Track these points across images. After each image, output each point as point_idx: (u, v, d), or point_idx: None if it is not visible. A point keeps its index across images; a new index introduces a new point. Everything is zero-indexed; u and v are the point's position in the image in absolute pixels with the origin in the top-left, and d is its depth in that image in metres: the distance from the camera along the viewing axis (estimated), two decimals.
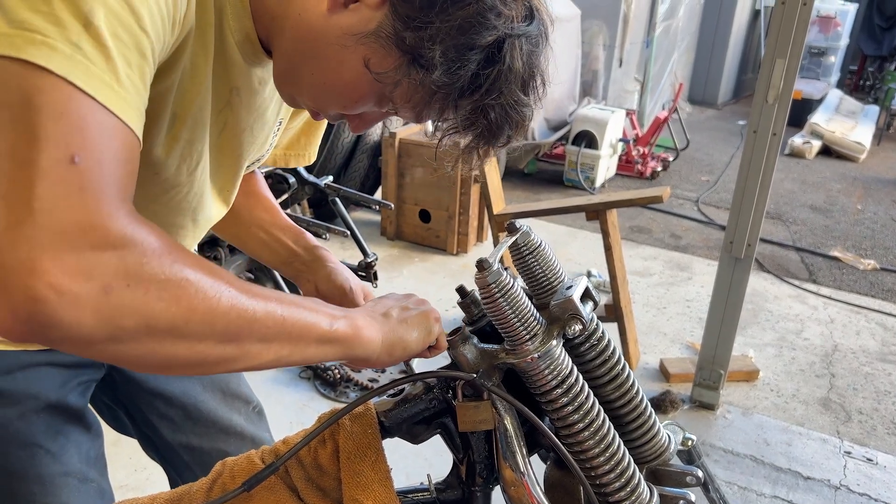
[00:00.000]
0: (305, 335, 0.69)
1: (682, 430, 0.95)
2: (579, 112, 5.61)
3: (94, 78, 0.56)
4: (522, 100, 0.77)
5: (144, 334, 0.57)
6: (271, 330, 0.65)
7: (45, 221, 0.52)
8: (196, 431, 1.17)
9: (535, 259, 0.87)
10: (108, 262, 0.53)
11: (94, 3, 0.57)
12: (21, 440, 0.96)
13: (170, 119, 0.79)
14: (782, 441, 2.66)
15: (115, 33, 0.58)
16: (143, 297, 0.55)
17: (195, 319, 0.59)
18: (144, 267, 0.55)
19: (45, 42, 0.54)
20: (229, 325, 0.62)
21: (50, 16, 0.55)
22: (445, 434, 0.88)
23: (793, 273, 4.24)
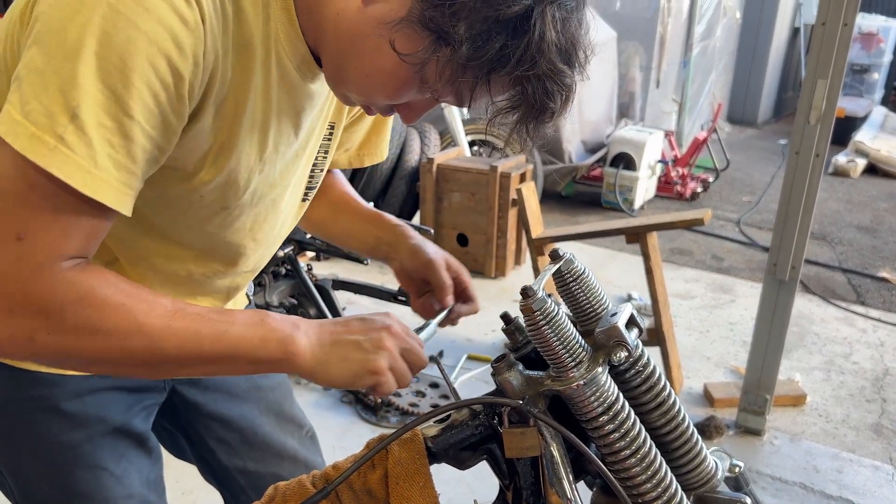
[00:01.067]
0: (228, 360, 0.79)
1: (729, 457, 0.95)
2: (616, 134, 5.60)
3: (71, 164, 0.67)
4: (561, 69, 0.74)
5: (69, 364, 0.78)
6: (188, 359, 0.77)
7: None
8: (252, 455, 1.20)
9: (578, 286, 0.88)
10: (33, 320, 0.70)
11: (81, 98, 0.67)
12: (88, 462, 1.00)
13: (214, 149, 0.83)
14: (832, 468, 2.60)
15: (100, 122, 0.68)
16: (61, 343, 0.72)
17: (110, 357, 0.74)
18: (61, 324, 0.71)
19: (35, 135, 0.66)
20: (142, 359, 0.75)
21: (45, 109, 0.67)
22: (492, 460, 0.88)
23: (840, 295, 4.15)
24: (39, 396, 0.97)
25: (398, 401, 2.76)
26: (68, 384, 0.98)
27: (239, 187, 0.90)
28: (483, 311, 3.30)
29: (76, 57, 0.66)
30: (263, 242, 1.03)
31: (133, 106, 0.69)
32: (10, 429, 0.99)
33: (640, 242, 2.84)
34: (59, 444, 0.99)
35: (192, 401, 1.16)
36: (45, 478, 1.00)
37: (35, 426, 0.98)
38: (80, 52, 0.66)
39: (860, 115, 7.82)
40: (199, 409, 1.17)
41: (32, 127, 0.66)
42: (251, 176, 0.90)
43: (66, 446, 0.99)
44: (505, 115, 0.79)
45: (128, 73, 0.67)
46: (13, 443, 1.00)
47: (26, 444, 0.99)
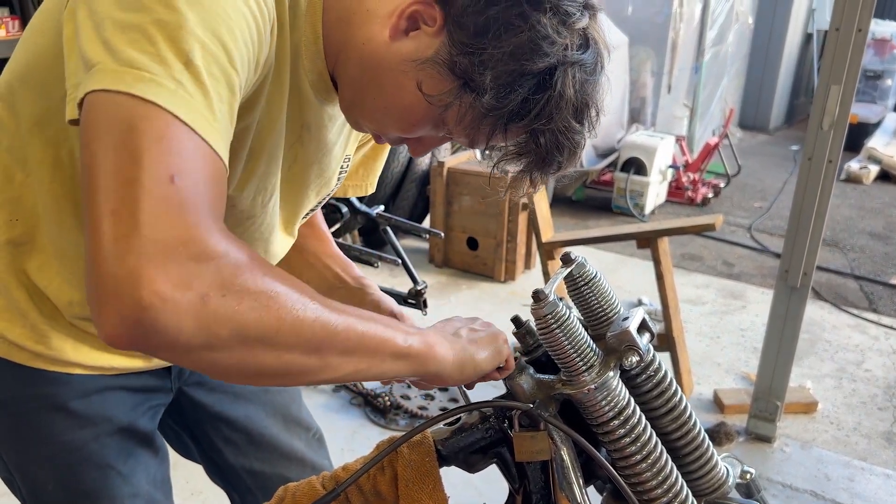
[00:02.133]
0: (381, 350, 0.71)
1: (740, 463, 0.94)
2: (627, 139, 5.59)
3: (194, 111, 0.61)
4: (574, 127, 0.78)
5: (237, 342, 0.60)
6: (351, 343, 0.68)
7: (150, 234, 0.56)
8: (258, 456, 1.20)
9: (590, 290, 0.88)
10: (206, 273, 0.57)
11: (193, 43, 0.62)
12: (95, 461, 1.00)
13: (248, 154, 0.83)
14: (844, 476, 2.58)
15: (210, 71, 0.63)
16: (236, 307, 0.59)
17: (284, 329, 0.62)
18: (238, 278, 0.59)
19: (153, 79, 0.59)
20: (314, 336, 0.64)
21: (156, 56, 0.60)
22: (501, 464, 0.89)
23: (852, 302, 4.12)
24: (47, 395, 0.98)
25: (407, 404, 2.76)
26: (75, 383, 0.99)
27: (266, 195, 0.91)
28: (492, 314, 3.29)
29: (178, 4, 0.62)
30: (271, 255, 1.04)
31: (235, 57, 0.66)
32: (18, 427, 1.00)
33: (650, 247, 2.84)
34: (66, 443, 0.99)
35: (198, 401, 1.17)
36: (53, 476, 1.01)
37: (42, 425, 0.99)
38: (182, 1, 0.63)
39: (873, 122, 7.77)
40: (206, 410, 1.18)
41: (146, 73, 0.60)
42: (276, 184, 0.91)
43: (73, 445, 1.00)
44: (511, 162, 0.81)
45: (230, 23, 0.65)
46: (21, 441, 1.01)
47: (34, 442, 1.00)
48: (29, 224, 0.89)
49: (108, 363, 0.99)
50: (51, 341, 0.94)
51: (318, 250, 1.22)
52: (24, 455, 1.01)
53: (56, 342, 0.95)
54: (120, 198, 0.56)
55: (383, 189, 4.20)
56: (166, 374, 1.09)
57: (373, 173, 1.22)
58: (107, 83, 0.59)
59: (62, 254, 0.89)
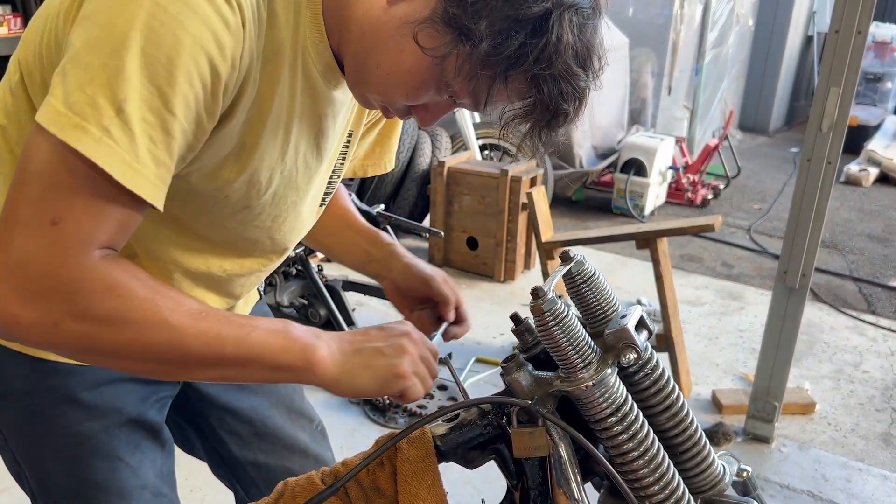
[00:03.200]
0: (250, 364, 0.78)
1: (737, 461, 0.95)
2: (628, 140, 5.59)
3: (115, 157, 0.68)
4: (576, 72, 0.77)
5: (90, 355, 0.75)
6: (210, 360, 0.76)
7: (19, 266, 0.68)
8: (263, 448, 1.21)
9: (588, 288, 0.89)
10: (60, 305, 0.69)
11: (128, 92, 0.68)
12: (104, 453, 1.01)
13: (237, 149, 0.85)
14: (841, 477, 2.58)
15: (144, 118, 0.69)
16: (86, 331, 0.71)
17: (132, 350, 0.73)
18: (88, 311, 0.70)
19: (80, 125, 0.67)
20: (164, 355, 0.74)
21: (91, 101, 0.68)
22: (500, 460, 0.89)
23: (850, 304, 4.13)
24: (57, 386, 0.99)
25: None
26: (85, 374, 0.99)
27: (261, 187, 0.92)
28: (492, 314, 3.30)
29: (124, 52, 0.67)
30: (281, 241, 1.04)
31: (175, 103, 0.70)
32: (28, 418, 1.01)
33: (650, 248, 2.84)
34: (76, 434, 1.00)
35: (204, 392, 1.18)
36: (61, 467, 1.02)
37: (52, 416, 1.00)
38: (128, 48, 0.67)
39: (873, 124, 7.78)
40: (212, 401, 1.18)
41: (77, 118, 0.67)
42: (273, 176, 0.92)
43: (82, 436, 1.00)
44: (519, 122, 0.81)
45: (173, 71, 0.69)
46: (30, 432, 1.01)
47: (43, 433, 1.00)
48: None
49: None
50: None
51: (344, 228, 1.23)
52: (33, 446, 1.02)
53: None
54: (9, 233, 0.69)
55: (384, 188, 4.21)
56: None
57: (389, 151, 1.23)
58: (47, 122, 0.68)
59: None
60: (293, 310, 2.87)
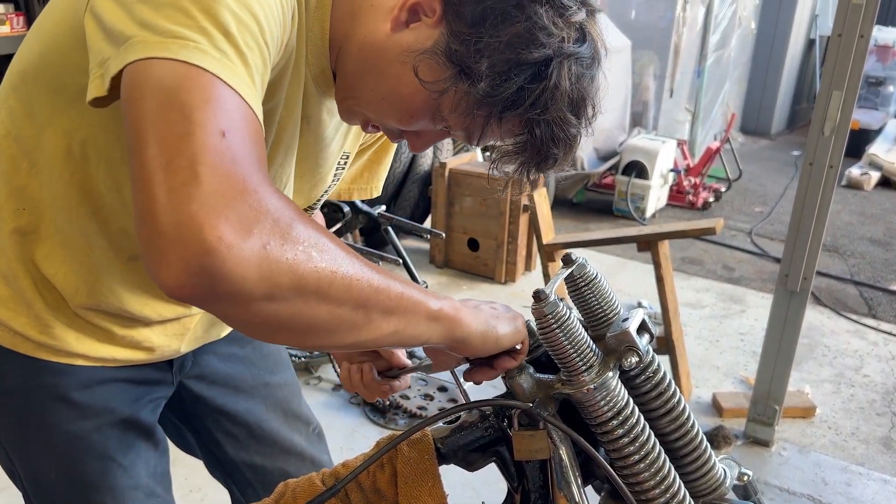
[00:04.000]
0: (417, 310, 0.72)
1: (737, 465, 0.95)
2: (629, 142, 5.59)
3: (237, 77, 0.62)
4: (569, 119, 0.78)
5: (295, 293, 0.60)
6: (392, 302, 0.69)
7: (210, 184, 0.56)
8: (258, 450, 1.21)
9: (590, 291, 0.89)
10: (265, 223, 0.58)
11: (229, 16, 0.63)
12: (96, 452, 1.01)
13: (272, 141, 0.85)
14: (841, 481, 2.58)
15: (247, 43, 0.65)
16: (294, 257, 0.59)
17: (336, 282, 0.63)
18: (294, 230, 0.60)
19: (197, 48, 0.61)
20: (362, 291, 0.65)
21: (196, 27, 0.62)
22: (500, 462, 0.89)
23: (851, 307, 4.13)
24: (50, 385, 0.98)
25: (406, 403, 2.77)
26: (78, 374, 0.99)
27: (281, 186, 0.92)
28: None
29: None
30: None
31: (266, 31, 0.68)
32: (21, 417, 1.01)
33: (651, 251, 2.84)
34: (68, 434, 1.00)
35: (199, 395, 1.17)
36: (54, 466, 1.02)
37: (45, 415, 1.00)
38: None
39: (875, 128, 7.77)
40: (207, 403, 1.18)
41: (190, 42, 0.61)
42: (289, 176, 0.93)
43: (74, 435, 1.00)
44: (509, 159, 0.82)
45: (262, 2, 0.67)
46: (23, 431, 1.02)
47: (36, 432, 1.01)
48: (35, 213, 0.90)
49: (110, 355, 1.00)
50: (54, 331, 0.95)
51: None
52: (26, 445, 1.02)
53: (60, 332, 0.96)
54: (176, 149, 0.57)
55: (385, 189, 4.20)
56: (168, 368, 1.10)
57: (377, 176, 1.23)
58: (150, 52, 0.60)
59: (69, 242, 0.90)
60: None
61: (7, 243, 0.91)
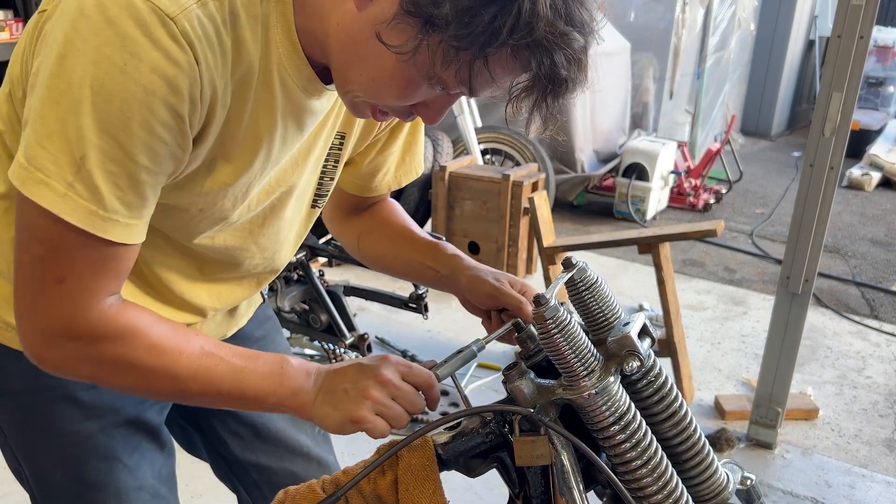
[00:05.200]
0: (243, 402, 0.88)
1: (740, 469, 0.94)
2: (629, 144, 5.59)
3: (81, 210, 0.73)
4: (563, 30, 0.70)
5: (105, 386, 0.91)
6: (207, 399, 0.88)
7: (39, 318, 0.79)
8: (265, 450, 1.21)
9: (591, 295, 0.88)
10: (74, 350, 0.81)
11: (87, 148, 0.71)
12: (102, 453, 1.02)
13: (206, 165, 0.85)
14: (845, 483, 2.57)
15: (105, 168, 0.72)
16: (96, 373, 0.84)
17: (139, 387, 0.86)
18: (98, 356, 0.81)
19: (43, 181, 0.72)
20: (167, 395, 0.89)
21: (52, 156, 0.71)
22: (502, 468, 0.88)
23: (853, 309, 4.12)
24: (56, 385, 0.99)
25: None
26: None
27: (237, 198, 0.92)
28: None
29: (78, 108, 0.70)
30: (268, 247, 1.04)
31: (136, 152, 0.73)
32: (28, 417, 1.01)
33: (652, 253, 2.84)
34: (74, 434, 1.00)
35: None
36: (60, 467, 1.02)
37: (51, 415, 1.00)
38: (80, 104, 0.70)
39: (875, 128, 7.77)
40: None
41: (40, 174, 0.72)
42: (250, 189, 0.93)
43: (80, 436, 1.01)
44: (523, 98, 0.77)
45: (128, 123, 0.71)
46: (30, 431, 1.02)
47: (42, 432, 1.01)
48: None
49: None
50: None
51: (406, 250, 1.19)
52: (32, 445, 1.03)
53: None
54: (26, 289, 0.79)
55: None
56: None
57: (417, 156, 1.21)
58: (19, 182, 0.73)
59: None
60: (294, 315, 2.87)
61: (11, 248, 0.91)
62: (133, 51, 0.69)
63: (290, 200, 1.02)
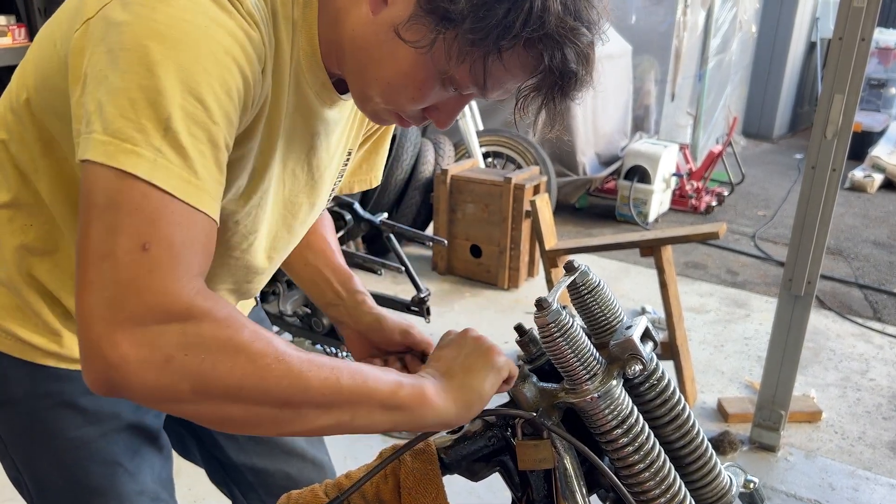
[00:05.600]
0: (365, 402, 0.72)
1: (743, 472, 0.94)
2: (631, 147, 5.59)
3: (174, 176, 0.65)
4: (572, 25, 0.73)
5: (202, 397, 0.65)
6: (327, 398, 0.70)
7: (118, 302, 0.62)
8: (259, 452, 1.22)
9: (593, 298, 0.88)
10: (170, 335, 0.63)
11: (171, 108, 0.66)
12: (102, 458, 1.01)
13: (250, 175, 0.86)
14: (848, 486, 2.56)
15: (191, 132, 0.67)
16: (199, 366, 0.64)
17: (247, 386, 0.66)
18: (201, 339, 0.64)
19: (133, 150, 0.65)
20: (282, 392, 0.67)
21: (136, 124, 0.65)
22: (504, 472, 0.88)
23: (856, 311, 4.11)
24: (56, 392, 0.99)
25: None
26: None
27: (266, 210, 0.93)
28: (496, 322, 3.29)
29: (158, 69, 0.66)
30: (276, 264, 1.06)
31: (216, 112, 0.69)
32: (28, 424, 1.01)
33: (654, 256, 2.83)
34: (74, 439, 1.00)
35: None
36: (60, 472, 1.02)
37: (51, 421, 1.00)
38: (160, 63, 0.66)
39: (877, 130, 7.76)
40: None
41: (127, 144, 0.65)
42: (276, 199, 0.93)
43: (80, 441, 1.00)
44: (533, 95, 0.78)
45: (210, 81, 0.68)
46: (30, 438, 1.02)
47: (42, 438, 1.01)
48: (43, 230, 0.91)
49: None
50: (63, 340, 0.96)
51: (321, 262, 1.20)
52: (32, 452, 1.02)
53: (68, 341, 0.96)
54: (97, 270, 0.63)
55: (387, 196, 4.21)
56: None
57: (376, 166, 1.22)
58: (95, 155, 0.65)
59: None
60: (296, 318, 2.87)
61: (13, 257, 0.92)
62: (212, 16, 0.69)
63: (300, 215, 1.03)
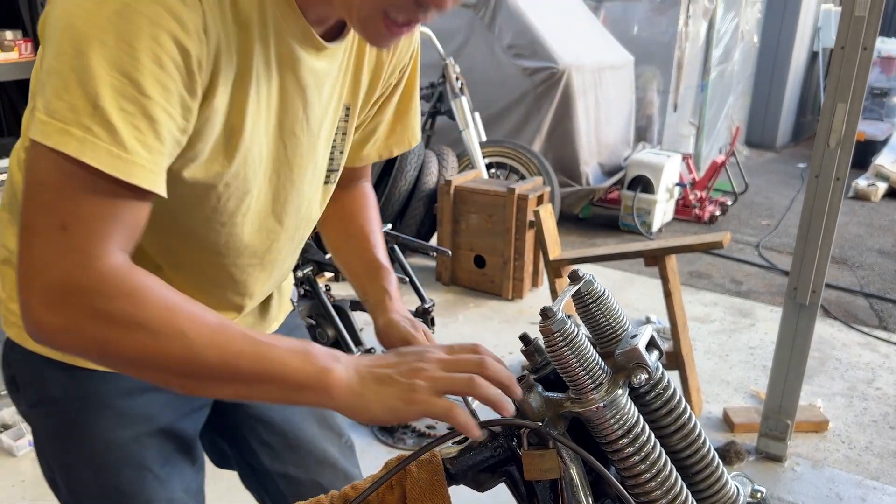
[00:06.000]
0: (267, 381, 0.75)
1: (750, 482, 0.94)
2: (634, 157, 5.60)
3: (102, 152, 0.70)
4: None
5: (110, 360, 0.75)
6: (226, 374, 0.74)
7: (40, 274, 0.71)
8: (293, 460, 1.22)
9: (598, 307, 0.88)
10: (80, 308, 0.71)
11: (99, 87, 0.69)
12: (134, 462, 1.02)
13: (226, 133, 0.86)
14: (856, 496, 2.55)
15: (122, 107, 0.70)
16: (105, 338, 0.72)
17: (149, 360, 0.73)
18: (107, 314, 0.71)
19: (64, 129, 0.69)
20: (182, 368, 0.74)
21: (68, 104, 0.69)
22: (510, 482, 0.88)
23: (861, 320, 4.10)
24: (91, 393, 1.00)
25: (415, 423, 2.75)
26: (120, 382, 1.00)
27: (256, 167, 0.92)
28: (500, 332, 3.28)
29: (85, 48, 0.69)
30: (290, 227, 1.04)
31: (147, 86, 0.71)
32: (63, 426, 1.02)
33: (658, 265, 2.83)
34: (108, 442, 1.01)
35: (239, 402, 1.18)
36: (91, 474, 1.02)
37: (85, 423, 1.00)
38: (87, 43, 0.69)
39: (880, 139, 7.76)
40: (246, 411, 1.19)
41: (60, 123, 0.69)
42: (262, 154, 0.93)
43: (113, 444, 1.01)
44: None
45: (136, 55, 0.70)
46: (64, 440, 1.02)
47: (76, 440, 1.01)
48: None
49: None
50: None
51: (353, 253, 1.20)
52: (66, 453, 1.03)
53: None
54: (25, 243, 0.72)
55: (391, 207, 4.21)
56: None
57: (410, 126, 1.20)
58: (34, 134, 0.71)
59: None
60: None
61: None
62: None
63: (307, 173, 1.02)
